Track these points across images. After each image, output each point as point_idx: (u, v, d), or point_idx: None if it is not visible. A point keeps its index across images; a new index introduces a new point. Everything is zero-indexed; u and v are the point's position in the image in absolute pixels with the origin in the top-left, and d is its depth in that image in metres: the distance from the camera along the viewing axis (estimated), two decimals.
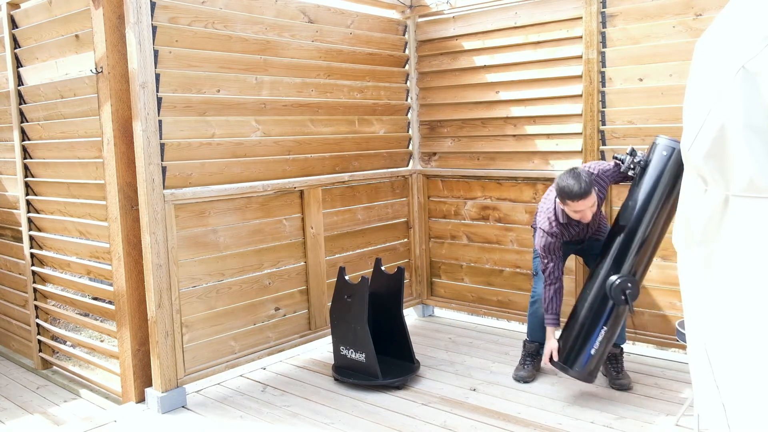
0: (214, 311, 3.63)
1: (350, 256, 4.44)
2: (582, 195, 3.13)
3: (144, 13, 3.21)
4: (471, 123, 4.61)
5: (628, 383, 3.50)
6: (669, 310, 3.86)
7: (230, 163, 3.68)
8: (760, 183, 1.63)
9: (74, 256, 3.95)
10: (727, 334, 1.81)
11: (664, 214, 3.22)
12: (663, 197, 3.19)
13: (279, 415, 3.36)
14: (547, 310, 3.45)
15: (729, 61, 1.70)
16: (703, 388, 1.99)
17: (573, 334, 3.34)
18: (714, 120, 1.73)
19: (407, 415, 3.29)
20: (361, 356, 3.62)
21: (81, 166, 3.73)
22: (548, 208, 3.42)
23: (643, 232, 3.21)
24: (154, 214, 3.30)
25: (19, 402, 3.87)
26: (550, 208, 3.41)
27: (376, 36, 4.55)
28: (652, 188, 3.20)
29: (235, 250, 3.72)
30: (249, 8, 3.74)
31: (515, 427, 3.12)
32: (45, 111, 3.93)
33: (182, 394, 3.49)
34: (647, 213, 3.20)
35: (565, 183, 3.15)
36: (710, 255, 1.84)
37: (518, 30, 4.28)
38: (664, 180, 3.18)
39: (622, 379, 3.51)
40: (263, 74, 3.82)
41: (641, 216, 3.21)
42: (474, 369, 3.89)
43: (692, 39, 3.53)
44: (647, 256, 3.27)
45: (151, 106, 3.27)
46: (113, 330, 3.62)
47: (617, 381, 3.50)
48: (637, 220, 3.21)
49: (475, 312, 4.80)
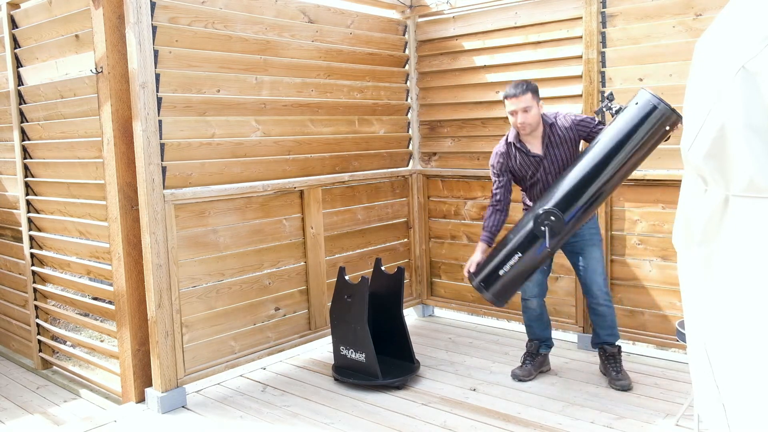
0: (214, 311, 3.63)
1: (350, 256, 4.44)
2: (514, 94, 3.34)
3: (144, 13, 3.21)
4: (471, 123, 4.61)
5: (628, 384, 3.50)
6: (669, 310, 3.87)
7: (230, 163, 3.68)
8: (760, 183, 1.63)
9: (74, 256, 3.95)
10: (727, 334, 1.81)
11: (622, 168, 3.11)
12: (624, 151, 3.08)
13: (279, 415, 3.36)
14: (483, 228, 3.52)
15: (729, 61, 1.70)
16: (703, 388, 1.99)
17: (493, 254, 3.37)
18: (714, 120, 1.73)
19: (407, 415, 3.29)
20: (361, 356, 3.62)
21: (81, 166, 3.73)
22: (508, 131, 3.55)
23: (596, 181, 3.12)
24: (154, 214, 3.30)
25: (19, 402, 3.87)
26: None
27: (376, 36, 4.55)
28: (616, 139, 3.10)
29: (235, 250, 3.72)
30: (249, 8, 3.74)
31: (515, 427, 3.12)
32: (45, 111, 3.93)
33: (182, 394, 3.49)
34: (606, 163, 3.11)
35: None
36: (710, 255, 1.84)
37: (518, 30, 4.28)
38: (630, 133, 3.08)
39: (622, 379, 3.51)
40: (263, 74, 3.82)
41: (600, 164, 3.12)
42: (474, 369, 3.89)
43: (692, 39, 3.53)
44: (589, 202, 3.16)
45: (151, 106, 3.27)
46: (113, 330, 3.62)
47: (617, 381, 3.50)
48: (596, 167, 3.12)
49: (475, 312, 4.80)
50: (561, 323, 4.30)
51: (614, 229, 4.03)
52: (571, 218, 3.17)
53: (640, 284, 3.96)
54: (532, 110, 3.35)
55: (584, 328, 4.16)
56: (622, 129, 3.10)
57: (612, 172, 3.12)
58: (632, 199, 3.94)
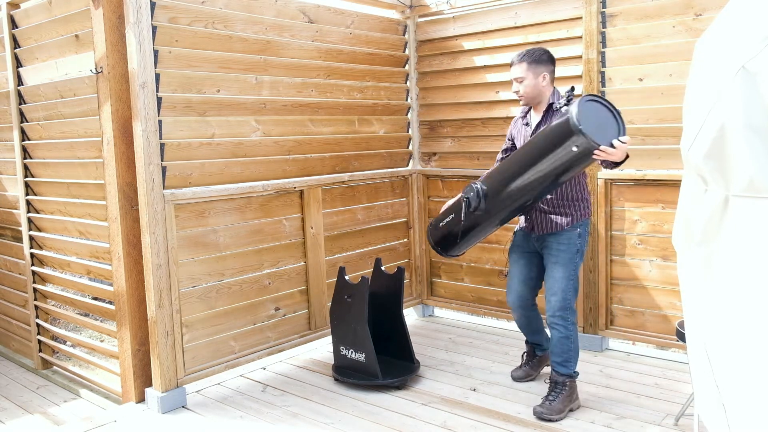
0: (214, 311, 3.63)
1: (350, 256, 4.44)
2: (511, 62, 3.28)
3: (144, 13, 3.21)
4: (471, 123, 4.61)
5: (549, 416, 3.15)
6: (669, 310, 3.87)
7: (230, 163, 3.68)
8: (760, 183, 1.63)
9: (74, 256, 3.95)
10: (727, 334, 1.81)
11: (542, 176, 2.97)
12: (541, 163, 2.94)
13: (279, 415, 3.36)
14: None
15: (729, 61, 1.70)
16: (703, 388, 1.99)
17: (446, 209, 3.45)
18: (714, 120, 1.73)
19: (407, 415, 3.29)
20: (361, 356, 3.61)
21: (81, 166, 3.73)
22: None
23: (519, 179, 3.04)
24: (154, 214, 3.30)
25: (19, 402, 3.87)
26: None
27: (376, 36, 4.55)
28: (535, 147, 3.00)
29: (235, 250, 3.72)
30: (249, 8, 3.74)
31: (515, 427, 3.12)
32: (45, 111, 3.93)
33: (182, 394, 3.49)
34: (529, 166, 3.00)
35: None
36: (710, 255, 1.84)
37: (518, 30, 4.28)
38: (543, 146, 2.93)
39: (544, 408, 3.18)
40: (263, 74, 3.82)
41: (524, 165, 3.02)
42: (474, 369, 3.89)
43: (692, 39, 3.53)
44: (514, 196, 3.10)
45: (151, 106, 3.27)
46: (113, 330, 3.62)
47: (538, 407, 3.22)
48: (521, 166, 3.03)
49: (475, 312, 4.80)
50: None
51: (614, 229, 4.03)
52: (497, 199, 3.13)
53: (640, 284, 3.96)
54: (525, 81, 3.21)
55: (584, 328, 4.16)
56: (540, 141, 2.99)
57: (532, 175, 3.00)
58: (632, 199, 3.94)
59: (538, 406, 3.22)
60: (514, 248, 3.50)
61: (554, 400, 3.21)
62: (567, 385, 3.23)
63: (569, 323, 3.24)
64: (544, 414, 3.17)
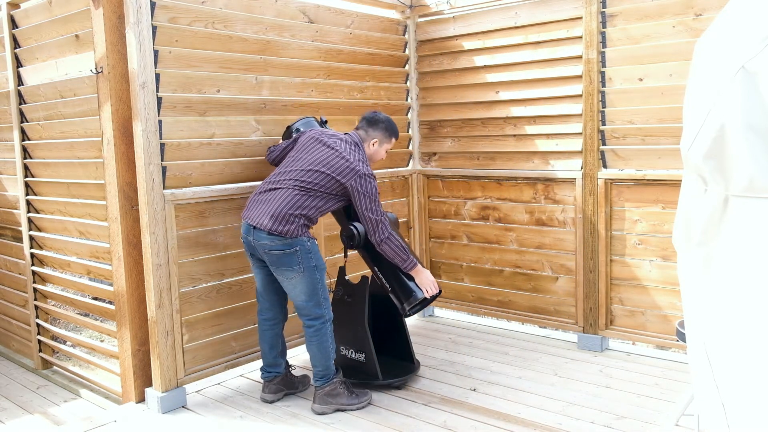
0: (214, 311, 3.63)
1: (350, 256, 4.43)
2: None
3: (144, 13, 3.21)
4: (471, 123, 4.61)
5: (320, 410, 3.32)
6: (669, 310, 3.86)
7: (230, 163, 3.68)
8: (760, 183, 1.63)
9: (74, 256, 3.95)
10: (727, 334, 1.81)
11: None
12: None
13: (279, 415, 3.36)
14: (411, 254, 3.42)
15: (729, 61, 1.70)
16: (703, 388, 1.99)
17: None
18: (714, 120, 1.73)
19: (407, 415, 3.29)
20: (361, 356, 3.61)
21: (81, 166, 3.73)
22: (361, 155, 3.35)
23: None
24: (154, 214, 3.30)
25: (19, 402, 3.87)
26: (361, 153, 3.35)
27: (376, 36, 4.55)
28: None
29: (235, 250, 3.72)
30: (249, 8, 3.74)
31: (515, 427, 3.13)
32: (45, 111, 3.93)
33: (182, 394, 3.49)
34: None
35: (392, 122, 3.56)
36: (710, 255, 1.84)
37: (518, 30, 4.28)
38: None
39: (317, 405, 3.34)
40: (263, 74, 3.82)
41: None
42: (474, 369, 3.89)
43: (692, 39, 3.53)
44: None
45: (151, 106, 3.27)
46: (113, 330, 3.62)
47: (313, 405, 3.37)
48: None
49: (475, 312, 4.80)
50: (561, 323, 4.30)
51: (614, 229, 4.03)
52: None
53: (640, 284, 3.96)
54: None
55: (584, 328, 4.17)
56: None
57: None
58: (632, 199, 3.94)
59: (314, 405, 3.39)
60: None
61: (321, 397, 3.39)
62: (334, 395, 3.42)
63: (319, 327, 3.40)
64: (320, 410, 3.36)
